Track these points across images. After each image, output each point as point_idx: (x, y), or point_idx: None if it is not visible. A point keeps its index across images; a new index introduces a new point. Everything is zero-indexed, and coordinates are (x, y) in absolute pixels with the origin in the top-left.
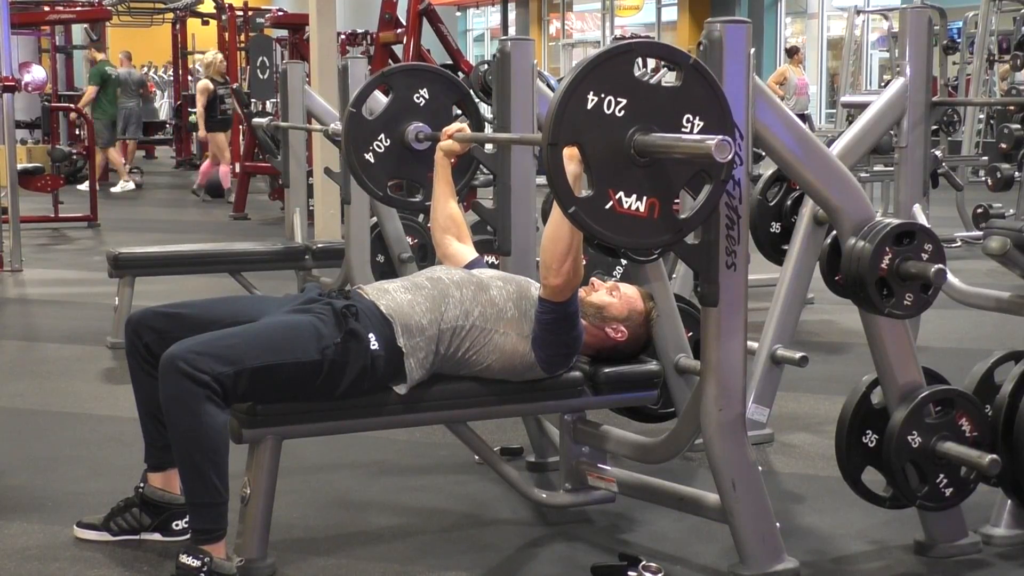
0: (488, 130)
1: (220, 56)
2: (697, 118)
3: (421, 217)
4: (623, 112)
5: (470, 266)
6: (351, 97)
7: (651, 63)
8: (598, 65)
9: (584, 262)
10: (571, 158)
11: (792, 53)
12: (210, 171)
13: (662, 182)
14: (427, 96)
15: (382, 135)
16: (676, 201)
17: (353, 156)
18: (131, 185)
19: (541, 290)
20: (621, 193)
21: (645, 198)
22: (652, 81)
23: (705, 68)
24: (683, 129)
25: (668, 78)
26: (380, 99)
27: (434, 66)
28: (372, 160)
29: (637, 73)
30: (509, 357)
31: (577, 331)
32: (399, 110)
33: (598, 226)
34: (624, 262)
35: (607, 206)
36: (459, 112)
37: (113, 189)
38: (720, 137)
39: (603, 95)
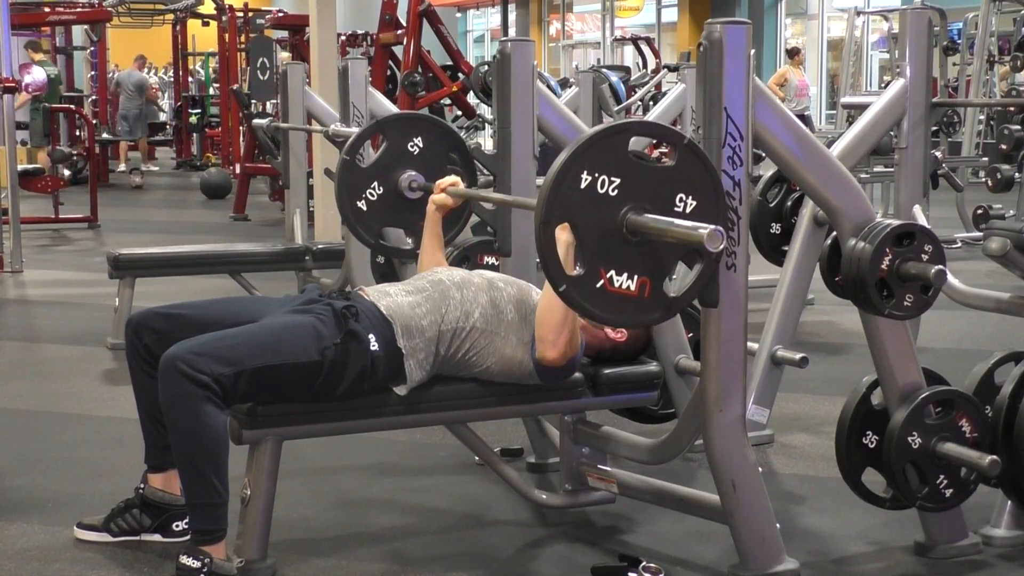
0: (488, 131)
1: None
2: (690, 197)
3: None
4: (616, 191)
5: None
6: (350, 101)
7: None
8: (593, 144)
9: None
10: (563, 229)
11: (793, 54)
12: None
13: (653, 261)
14: (421, 145)
15: (375, 183)
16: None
17: (346, 203)
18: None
19: (536, 351)
20: (612, 272)
21: (636, 277)
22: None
23: (699, 148)
24: (676, 208)
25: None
26: (380, 100)
27: (429, 116)
28: (364, 208)
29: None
30: (508, 362)
31: (576, 360)
32: (393, 158)
33: (589, 304)
34: None
35: (598, 285)
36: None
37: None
38: (713, 227)
39: (597, 174)
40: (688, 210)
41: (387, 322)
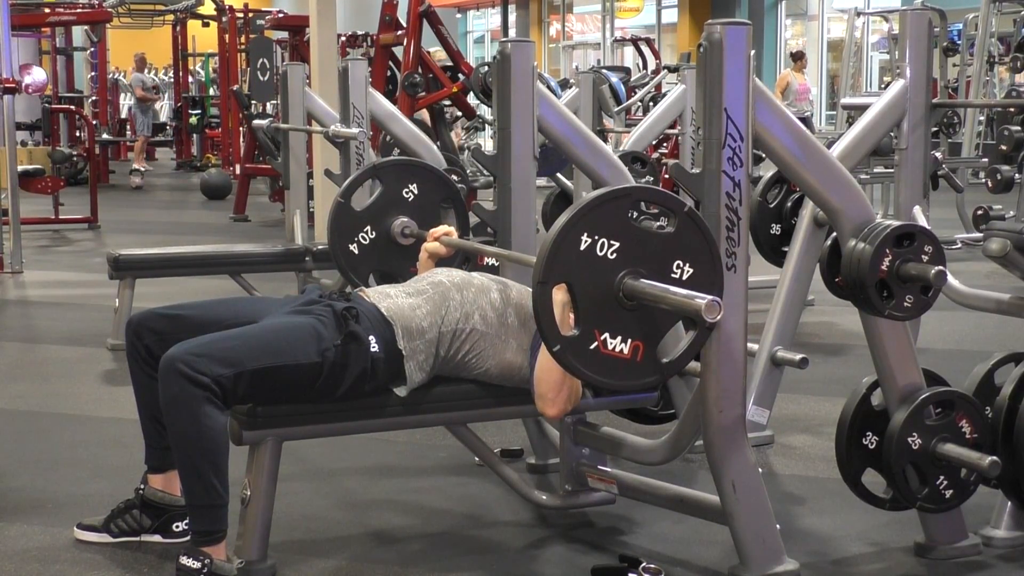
0: (488, 132)
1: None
2: (687, 265)
3: None
4: (615, 255)
5: None
6: (350, 101)
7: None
8: (595, 207)
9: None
10: (559, 290)
11: (797, 58)
12: None
13: (648, 325)
14: (416, 192)
15: (368, 227)
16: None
17: (337, 246)
18: None
19: (537, 406)
20: (607, 334)
21: (630, 340)
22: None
23: (699, 216)
24: (672, 275)
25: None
26: (380, 100)
27: (425, 163)
28: (356, 251)
29: None
30: (507, 366)
31: None
32: (387, 203)
33: (581, 365)
34: None
35: (592, 346)
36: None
37: None
38: (711, 298)
39: (596, 237)
40: (685, 277)
41: (388, 323)
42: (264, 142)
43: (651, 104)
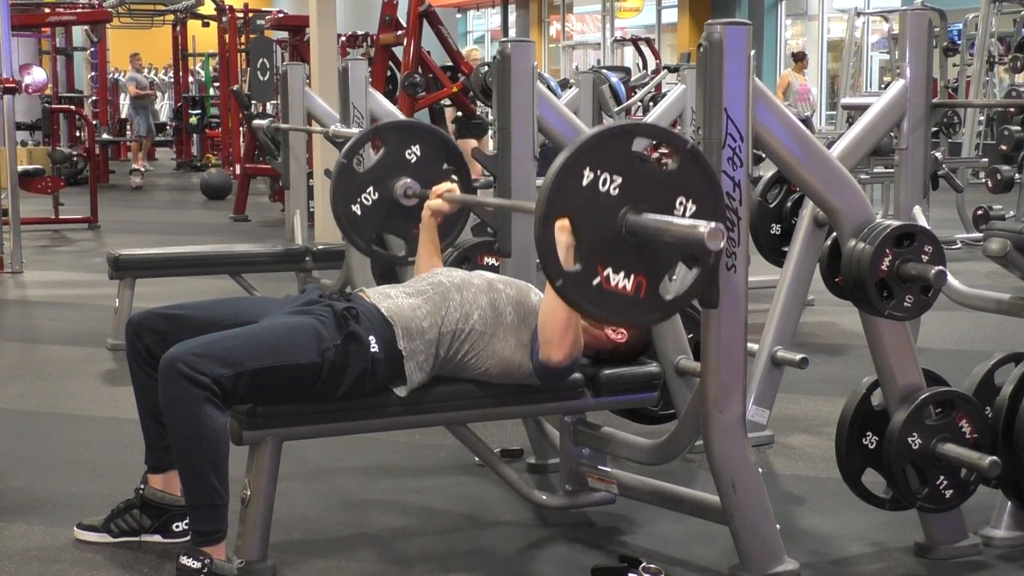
0: (489, 132)
1: (473, 48)
2: (690, 201)
3: None
4: (617, 190)
5: None
6: (350, 102)
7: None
8: (597, 143)
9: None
10: (563, 229)
11: (799, 59)
12: None
13: (651, 261)
14: (418, 153)
15: (370, 188)
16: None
17: (340, 207)
18: None
19: (540, 353)
20: (609, 270)
21: (633, 276)
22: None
23: (701, 154)
24: (675, 212)
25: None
26: (380, 100)
27: (428, 125)
28: (359, 212)
29: None
30: (507, 364)
31: (576, 360)
32: (389, 165)
33: (584, 301)
34: None
35: (594, 282)
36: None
37: None
38: (714, 224)
39: (599, 172)
40: (688, 214)
41: (388, 324)
42: (264, 142)
43: (651, 104)
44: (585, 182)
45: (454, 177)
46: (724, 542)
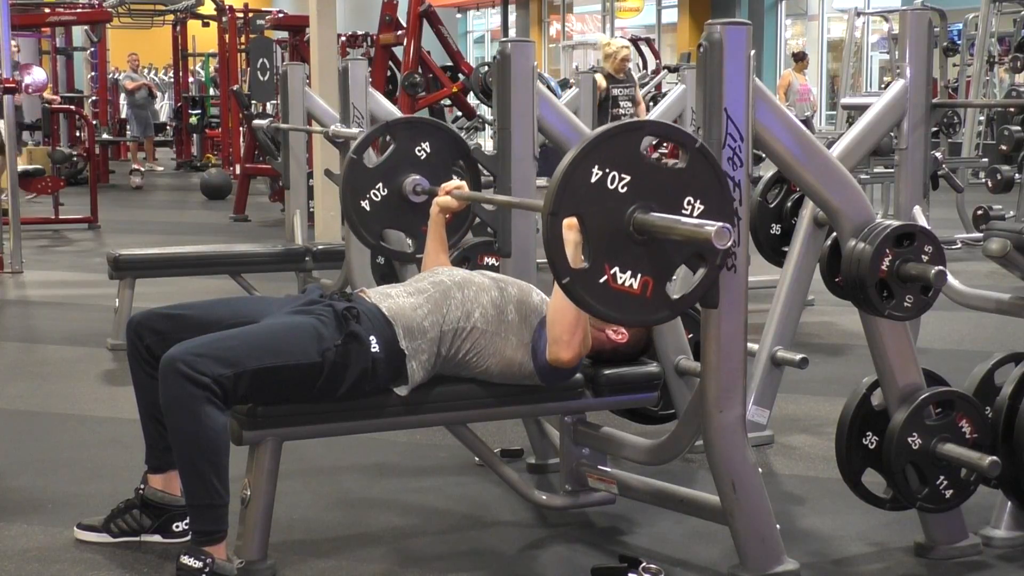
0: (488, 132)
1: (624, 46)
2: (698, 201)
3: None
4: (625, 188)
5: None
6: (350, 102)
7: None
8: (606, 140)
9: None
10: (571, 227)
11: (799, 59)
12: None
13: (658, 261)
14: (428, 150)
15: (380, 184)
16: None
17: (349, 202)
18: None
19: (548, 354)
20: (616, 268)
21: (640, 275)
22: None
23: (710, 152)
24: (683, 211)
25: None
26: (380, 100)
27: (439, 122)
28: (368, 208)
29: None
30: (508, 363)
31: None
32: (399, 161)
33: (591, 299)
34: None
35: (601, 280)
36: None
37: None
38: (721, 224)
39: (607, 169)
40: (695, 213)
41: (389, 324)
42: (264, 142)
43: (651, 104)
44: (594, 179)
45: (463, 176)
46: (724, 542)
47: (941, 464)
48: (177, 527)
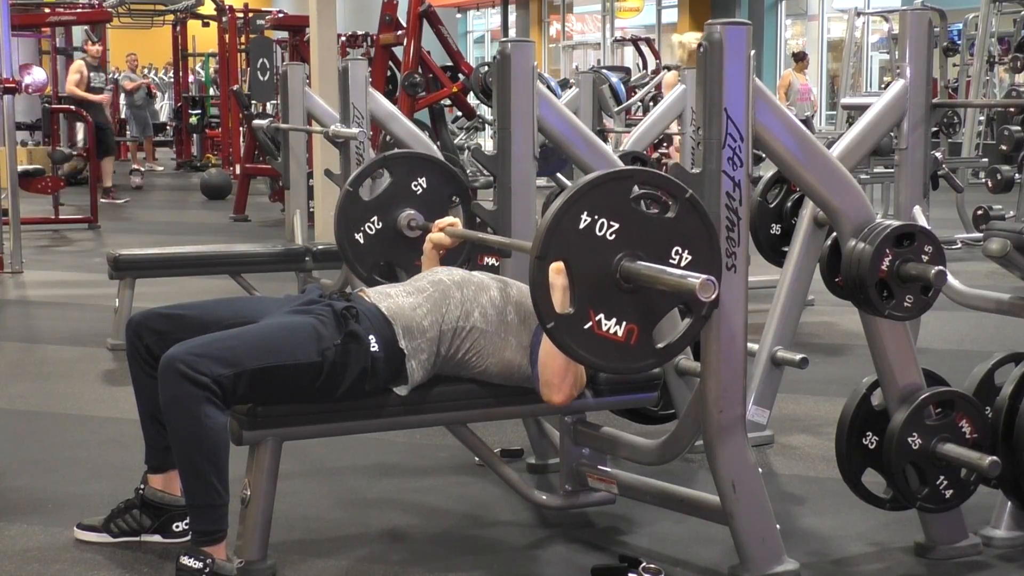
0: (488, 131)
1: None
2: (686, 251)
3: None
4: (614, 236)
5: None
6: (350, 102)
7: None
8: (596, 186)
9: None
10: (558, 272)
11: (799, 58)
12: None
13: (644, 309)
14: (425, 185)
15: (375, 217)
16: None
17: (343, 234)
18: None
19: (542, 394)
20: (602, 315)
21: (625, 323)
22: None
23: (699, 202)
24: (671, 261)
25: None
26: (380, 100)
27: (436, 157)
28: (361, 240)
29: None
30: (507, 365)
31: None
32: (395, 195)
33: (575, 345)
34: None
35: (586, 326)
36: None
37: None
38: (705, 277)
39: (596, 216)
40: (683, 264)
41: (388, 323)
42: (264, 142)
43: (651, 104)
44: (582, 225)
45: (459, 215)
46: (724, 542)
47: (941, 464)
48: (177, 527)
